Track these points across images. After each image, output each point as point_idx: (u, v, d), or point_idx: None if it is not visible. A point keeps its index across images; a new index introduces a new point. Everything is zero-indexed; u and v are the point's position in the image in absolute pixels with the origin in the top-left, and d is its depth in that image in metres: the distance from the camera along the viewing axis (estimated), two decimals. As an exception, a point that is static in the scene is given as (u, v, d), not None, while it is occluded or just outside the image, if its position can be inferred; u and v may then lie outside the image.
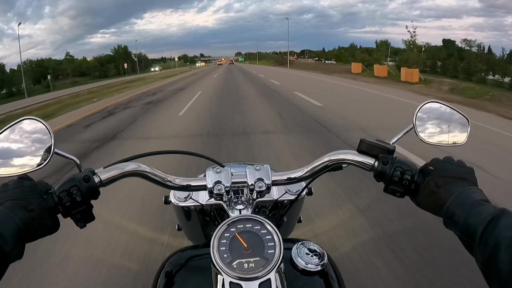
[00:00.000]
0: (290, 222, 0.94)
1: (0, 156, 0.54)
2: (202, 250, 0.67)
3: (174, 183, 0.62)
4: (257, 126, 5.50)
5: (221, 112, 7.06)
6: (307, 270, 0.56)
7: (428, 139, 0.61)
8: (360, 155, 0.59)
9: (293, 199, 0.77)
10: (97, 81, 42.12)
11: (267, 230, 0.52)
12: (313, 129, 5.15)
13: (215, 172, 0.61)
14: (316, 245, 0.60)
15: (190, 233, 0.97)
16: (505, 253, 0.37)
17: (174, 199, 0.82)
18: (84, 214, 0.52)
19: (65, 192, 0.50)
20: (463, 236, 0.44)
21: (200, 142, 4.64)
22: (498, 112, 7.18)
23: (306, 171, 0.63)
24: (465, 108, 7.15)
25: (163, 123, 6.40)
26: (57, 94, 23.10)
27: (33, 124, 0.56)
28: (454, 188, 0.49)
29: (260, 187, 0.60)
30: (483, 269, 0.40)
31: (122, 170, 0.57)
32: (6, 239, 0.42)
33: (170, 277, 0.61)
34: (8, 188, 0.49)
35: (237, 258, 0.48)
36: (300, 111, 6.78)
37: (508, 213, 0.41)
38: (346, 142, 4.27)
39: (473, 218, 0.43)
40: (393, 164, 0.55)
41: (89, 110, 9.52)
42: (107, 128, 6.27)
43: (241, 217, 0.54)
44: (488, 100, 9.50)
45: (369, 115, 6.24)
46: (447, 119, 0.63)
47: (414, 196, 0.55)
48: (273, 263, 0.48)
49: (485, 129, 5.19)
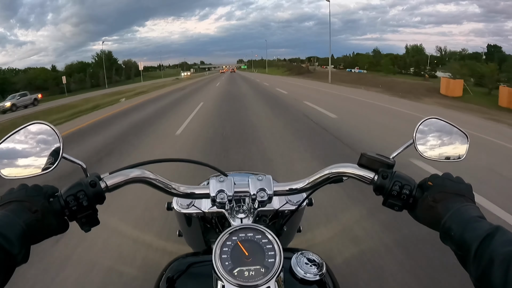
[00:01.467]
0: (290, 231, 0.94)
1: (8, 159, 0.55)
2: (203, 257, 0.68)
3: (178, 190, 0.63)
4: None
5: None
6: (306, 280, 0.57)
7: (428, 154, 0.62)
8: (360, 169, 0.60)
9: (294, 209, 0.78)
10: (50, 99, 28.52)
11: (268, 240, 0.53)
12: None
13: (218, 181, 0.62)
14: (315, 255, 0.61)
15: (191, 239, 0.98)
16: (499, 268, 0.38)
17: (176, 205, 0.83)
18: (90, 218, 0.53)
19: (71, 196, 0.51)
20: (459, 251, 0.45)
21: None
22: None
23: (307, 183, 0.64)
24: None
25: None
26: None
27: (42, 128, 0.56)
28: (452, 204, 0.50)
29: (262, 197, 0.61)
30: (477, 284, 0.41)
31: (128, 177, 0.58)
32: (12, 242, 0.43)
33: (171, 282, 0.62)
34: (13, 190, 0.51)
35: (238, 266, 0.49)
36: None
37: (503, 230, 0.43)
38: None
39: (469, 233, 0.44)
40: (392, 179, 0.56)
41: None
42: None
43: (243, 226, 0.55)
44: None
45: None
46: (446, 135, 0.64)
47: (412, 210, 0.56)
48: (273, 272, 0.49)
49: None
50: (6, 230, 0.43)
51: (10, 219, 0.45)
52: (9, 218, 0.45)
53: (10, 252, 0.42)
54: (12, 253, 0.43)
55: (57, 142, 0.55)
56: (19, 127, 0.56)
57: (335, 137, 5.21)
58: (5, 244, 0.42)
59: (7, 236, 0.43)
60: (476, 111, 9.94)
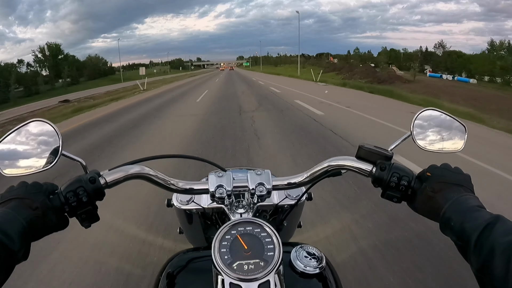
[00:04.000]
0: (290, 226, 0.95)
1: (8, 157, 0.56)
2: (203, 252, 0.68)
3: (177, 186, 0.63)
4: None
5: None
6: (306, 273, 0.57)
7: (426, 146, 0.62)
8: (358, 161, 0.60)
9: (293, 204, 0.78)
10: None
11: (267, 233, 0.53)
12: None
13: (217, 176, 0.62)
14: (315, 248, 0.61)
15: (191, 236, 0.98)
16: (499, 258, 0.38)
17: (176, 202, 0.83)
18: (89, 215, 0.53)
19: (71, 192, 0.52)
20: (459, 241, 0.45)
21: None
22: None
23: (306, 177, 0.64)
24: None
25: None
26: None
27: (41, 126, 0.57)
28: (451, 194, 0.50)
29: (261, 191, 0.61)
30: (478, 274, 0.41)
31: (127, 173, 0.58)
32: (13, 239, 0.43)
33: (172, 278, 0.62)
34: (13, 188, 0.51)
35: (237, 259, 0.49)
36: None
37: (503, 220, 0.42)
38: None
39: (469, 223, 0.44)
40: (391, 170, 0.56)
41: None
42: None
43: (242, 220, 0.55)
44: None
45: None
46: (445, 127, 0.64)
47: (411, 201, 0.56)
48: (272, 265, 0.49)
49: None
50: (7, 227, 0.44)
51: (10, 216, 0.45)
52: (9, 215, 0.46)
53: (11, 249, 0.43)
54: (12, 250, 0.43)
55: (57, 140, 0.55)
56: (19, 125, 0.56)
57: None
58: (6, 241, 0.42)
59: (7, 233, 0.43)
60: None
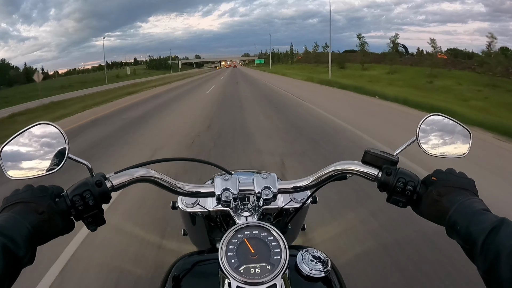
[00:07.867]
0: (295, 229, 0.95)
1: (14, 160, 0.55)
2: (208, 255, 0.68)
3: (183, 189, 0.63)
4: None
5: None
6: (311, 276, 0.57)
7: (431, 151, 0.62)
8: (364, 166, 0.60)
9: (298, 207, 0.78)
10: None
11: (274, 237, 0.53)
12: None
13: (223, 179, 0.63)
14: (320, 252, 0.61)
15: (196, 238, 0.98)
16: (506, 261, 0.39)
17: (181, 204, 0.83)
18: (96, 218, 0.53)
19: (78, 196, 0.51)
20: (465, 244, 0.46)
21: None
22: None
23: (311, 180, 0.64)
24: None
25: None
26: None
27: (47, 129, 0.56)
28: (456, 197, 0.50)
29: (267, 195, 0.61)
30: (485, 276, 0.42)
31: (133, 176, 0.58)
32: (18, 244, 0.43)
33: (177, 281, 0.62)
34: (19, 191, 0.51)
35: (244, 263, 0.50)
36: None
37: (509, 223, 0.43)
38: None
39: (475, 227, 0.45)
40: (396, 175, 0.56)
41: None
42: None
43: (248, 223, 0.55)
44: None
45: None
46: (450, 132, 0.64)
47: (417, 206, 0.56)
48: (279, 269, 0.49)
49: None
50: (13, 233, 0.43)
51: (16, 221, 0.45)
52: (15, 220, 0.45)
53: (17, 255, 0.42)
54: (18, 255, 0.43)
55: (63, 143, 0.55)
56: (25, 128, 0.56)
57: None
58: (12, 247, 0.42)
59: (13, 239, 0.43)
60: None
